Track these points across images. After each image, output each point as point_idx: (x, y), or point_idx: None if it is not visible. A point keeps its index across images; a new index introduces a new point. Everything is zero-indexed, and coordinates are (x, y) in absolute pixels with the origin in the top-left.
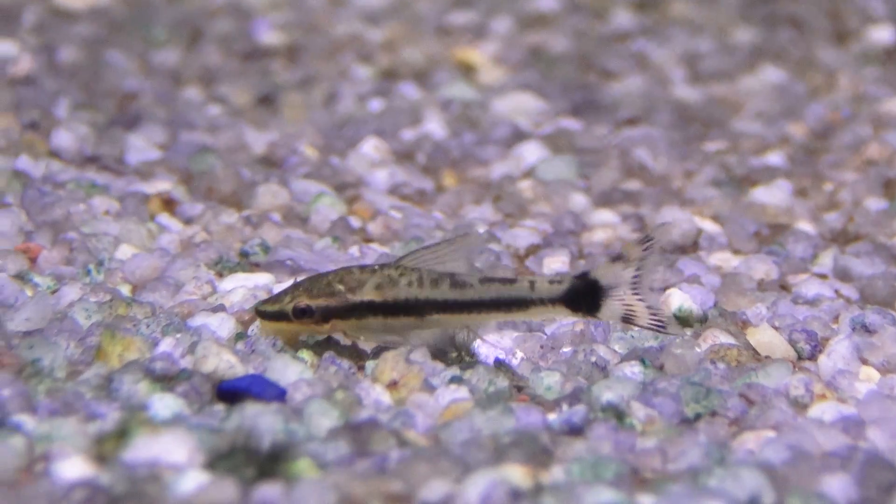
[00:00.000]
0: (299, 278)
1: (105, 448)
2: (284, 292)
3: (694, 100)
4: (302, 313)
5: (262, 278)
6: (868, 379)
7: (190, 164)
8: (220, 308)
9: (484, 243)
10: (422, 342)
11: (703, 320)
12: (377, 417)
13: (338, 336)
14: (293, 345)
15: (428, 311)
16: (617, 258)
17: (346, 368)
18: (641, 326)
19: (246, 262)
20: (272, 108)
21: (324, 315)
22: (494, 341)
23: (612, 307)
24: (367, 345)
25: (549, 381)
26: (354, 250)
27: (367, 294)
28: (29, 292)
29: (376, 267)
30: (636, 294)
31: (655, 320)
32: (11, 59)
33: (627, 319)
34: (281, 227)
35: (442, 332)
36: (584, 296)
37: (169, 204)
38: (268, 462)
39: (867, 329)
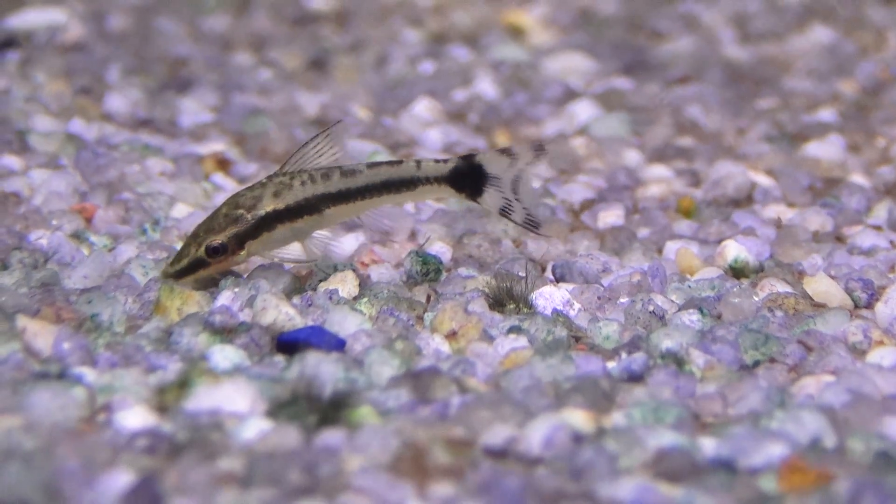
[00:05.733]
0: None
1: (167, 398)
2: (185, 246)
3: (744, 59)
4: (216, 251)
5: (318, 234)
6: None
7: (243, 126)
8: (276, 263)
9: (348, 129)
10: (318, 252)
11: (760, 271)
12: (437, 366)
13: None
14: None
15: (326, 205)
16: (505, 151)
17: (404, 320)
18: (515, 222)
19: None
20: (323, 71)
21: (237, 242)
22: (550, 293)
23: (493, 196)
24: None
25: (608, 331)
26: (409, 206)
27: (269, 205)
28: (85, 251)
29: (264, 180)
30: (515, 191)
31: (530, 219)
32: (61, 27)
33: (505, 212)
34: None
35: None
36: (468, 178)
37: (223, 164)
38: (330, 409)
39: None
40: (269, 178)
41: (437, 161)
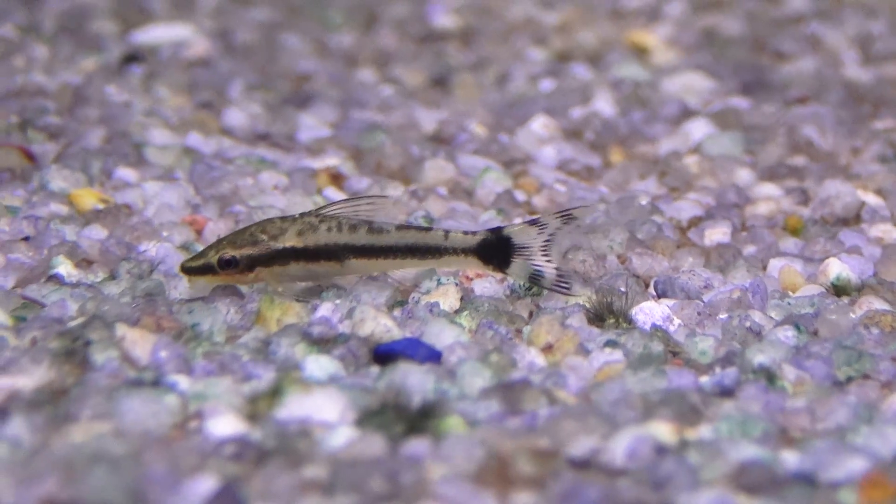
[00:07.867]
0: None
1: (258, 407)
2: (209, 247)
3: (865, 80)
4: (227, 264)
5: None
6: None
7: (359, 141)
8: (380, 276)
9: (398, 206)
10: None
11: (862, 289)
12: (529, 378)
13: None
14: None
15: (347, 255)
16: (533, 222)
17: (503, 333)
18: (546, 287)
19: None
20: (445, 88)
21: (248, 264)
22: (650, 308)
23: (521, 265)
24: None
25: (704, 346)
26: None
27: (289, 241)
28: None
29: (297, 216)
30: (545, 256)
31: (562, 282)
32: (186, 42)
33: (535, 279)
34: (446, 199)
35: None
36: (495, 250)
37: (337, 178)
38: (417, 419)
39: None
40: (303, 214)
41: (465, 233)
